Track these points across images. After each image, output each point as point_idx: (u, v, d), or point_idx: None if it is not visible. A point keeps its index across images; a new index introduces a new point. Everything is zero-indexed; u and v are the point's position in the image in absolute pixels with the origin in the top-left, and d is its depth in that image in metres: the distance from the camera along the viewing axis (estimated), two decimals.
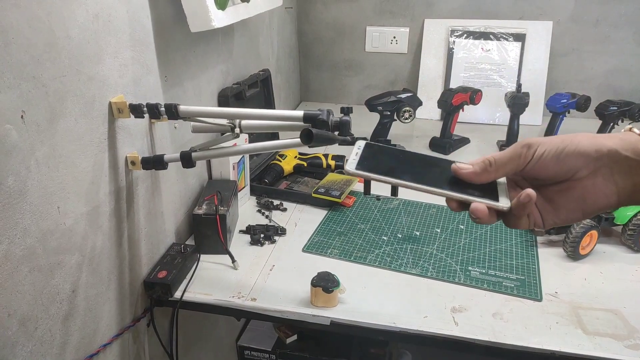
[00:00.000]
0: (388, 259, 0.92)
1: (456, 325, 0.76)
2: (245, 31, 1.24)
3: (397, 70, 1.82)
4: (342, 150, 1.29)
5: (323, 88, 1.91)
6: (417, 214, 1.09)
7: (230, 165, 1.05)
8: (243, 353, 1.26)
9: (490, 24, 1.67)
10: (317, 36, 1.84)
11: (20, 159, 0.55)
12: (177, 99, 0.90)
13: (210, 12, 0.83)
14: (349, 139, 0.70)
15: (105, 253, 0.72)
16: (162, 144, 0.87)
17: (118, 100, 0.70)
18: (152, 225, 0.85)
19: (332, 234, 1.01)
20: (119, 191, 0.74)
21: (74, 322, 0.67)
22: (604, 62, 1.65)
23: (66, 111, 0.61)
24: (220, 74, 1.10)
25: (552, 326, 0.75)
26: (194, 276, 0.86)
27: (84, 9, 0.63)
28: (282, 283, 0.86)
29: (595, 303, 0.80)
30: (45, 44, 0.57)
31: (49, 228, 0.60)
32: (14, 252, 0.55)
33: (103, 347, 0.73)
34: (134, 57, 0.75)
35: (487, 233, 1.01)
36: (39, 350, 0.60)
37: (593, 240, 0.92)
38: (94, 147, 0.67)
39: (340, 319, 0.78)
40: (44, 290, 0.60)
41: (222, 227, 0.90)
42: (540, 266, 0.90)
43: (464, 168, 0.49)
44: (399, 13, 1.74)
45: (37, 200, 0.58)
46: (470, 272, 0.88)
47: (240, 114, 0.73)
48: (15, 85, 0.53)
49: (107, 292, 0.74)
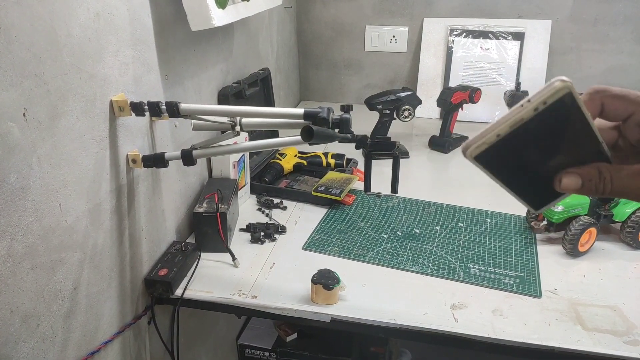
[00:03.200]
0: (388, 257, 0.93)
1: (456, 322, 0.76)
2: (245, 30, 1.24)
3: (397, 69, 1.82)
4: (342, 148, 1.30)
5: (322, 87, 1.92)
6: (417, 212, 1.09)
7: (230, 164, 1.06)
8: (243, 351, 1.26)
9: (489, 22, 1.67)
10: (316, 35, 1.84)
11: (22, 157, 0.55)
12: (178, 98, 0.91)
13: (211, 10, 0.84)
14: (349, 137, 0.71)
15: (106, 251, 0.73)
16: (163, 142, 0.87)
17: (119, 99, 0.71)
18: (153, 223, 0.86)
19: (332, 232, 1.01)
20: (120, 189, 0.75)
21: (75, 320, 0.67)
22: (603, 60, 1.66)
23: (68, 109, 0.61)
24: (220, 72, 1.10)
25: (552, 322, 0.76)
26: (194, 274, 0.87)
27: (85, 7, 0.63)
28: (283, 281, 0.86)
29: (594, 299, 0.81)
30: (47, 42, 0.57)
31: (51, 225, 0.60)
32: (16, 249, 0.55)
33: (104, 344, 0.74)
34: (135, 55, 0.75)
35: (486, 230, 1.01)
36: (41, 347, 0.61)
37: (592, 237, 0.92)
38: (95, 145, 0.68)
39: (341, 316, 0.78)
40: (45, 288, 0.60)
41: (222, 225, 0.90)
42: (539, 263, 0.90)
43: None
44: (398, 12, 1.74)
45: (39, 198, 0.58)
46: (470, 269, 0.89)
47: (241, 111, 0.74)
48: (17, 83, 0.53)
49: (108, 290, 0.74)
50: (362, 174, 0.97)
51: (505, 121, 0.34)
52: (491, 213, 1.08)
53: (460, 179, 1.28)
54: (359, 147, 0.76)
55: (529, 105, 0.34)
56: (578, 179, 0.37)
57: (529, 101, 0.34)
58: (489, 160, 0.36)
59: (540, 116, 0.34)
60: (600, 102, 0.38)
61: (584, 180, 0.37)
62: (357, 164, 1.28)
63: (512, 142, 0.35)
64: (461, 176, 1.30)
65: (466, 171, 1.32)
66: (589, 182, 0.37)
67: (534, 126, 0.34)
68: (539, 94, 0.33)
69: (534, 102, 0.33)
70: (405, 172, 1.26)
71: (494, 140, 0.35)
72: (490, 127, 0.35)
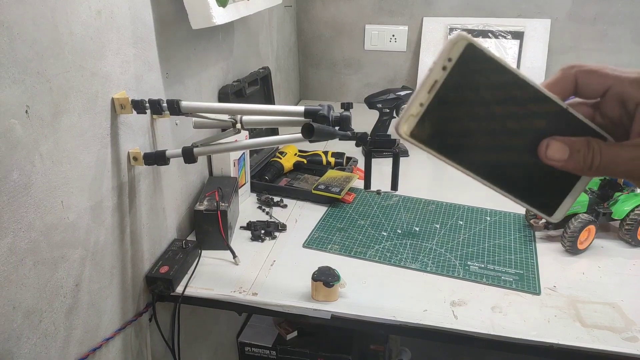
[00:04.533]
0: (388, 254, 0.93)
1: (456, 318, 0.77)
2: (245, 29, 1.24)
3: (396, 68, 1.82)
4: (342, 146, 1.30)
5: (322, 86, 1.92)
6: (417, 209, 1.10)
7: (230, 162, 1.06)
8: (244, 349, 1.27)
9: (489, 22, 1.68)
10: (316, 34, 1.84)
11: (25, 154, 0.55)
12: (178, 96, 0.91)
13: (211, 9, 0.84)
14: (349, 134, 0.71)
15: (108, 248, 0.73)
16: (164, 140, 0.87)
17: (120, 96, 0.71)
18: (154, 220, 0.86)
19: (332, 230, 1.01)
20: (122, 187, 0.75)
21: (77, 316, 0.67)
22: (602, 59, 1.66)
23: (69, 106, 0.62)
24: (221, 71, 1.11)
25: (551, 319, 0.76)
26: (195, 271, 0.87)
27: (86, 5, 0.63)
28: (283, 278, 0.86)
29: (593, 296, 0.81)
30: (49, 40, 0.57)
31: (53, 222, 0.61)
32: (18, 245, 0.55)
33: (106, 341, 0.74)
34: (136, 54, 0.76)
35: (486, 228, 1.02)
36: (43, 342, 0.61)
37: (591, 235, 0.93)
38: (96, 142, 0.68)
39: (341, 312, 0.78)
40: (48, 284, 0.61)
41: (223, 223, 0.90)
42: (538, 261, 0.91)
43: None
44: (397, 11, 1.74)
45: (41, 195, 0.58)
46: (470, 266, 0.89)
47: (242, 109, 0.74)
48: (20, 81, 0.53)
49: (109, 287, 0.74)
50: (362, 173, 0.98)
51: (422, 87, 0.32)
52: (491, 211, 1.08)
53: (459, 177, 1.27)
54: (359, 144, 0.76)
55: (436, 65, 0.32)
56: (565, 149, 0.34)
57: (434, 62, 0.32)
58: (423, 134, 0.33)
59: (454, 75, 0.32)
60: (574, 77, 0.36)
61: (572, 150, 0.34)
62: (357, 163, 1.28)
63: (445, 112, 0.33)
64: (460, 175, 1.29)
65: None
66: (577, 152, 0.34)
67: (455, 88, 0.32)
68: (440, 52, 0.32)
69: (439, 61, 0.32)
70: (405, 171, 1.26)
71: (421, 111, 0.32)
72: (412, 98, 0.32)
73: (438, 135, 0.34)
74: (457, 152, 0.35)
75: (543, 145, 0.35)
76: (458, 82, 0.32)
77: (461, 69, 0.32)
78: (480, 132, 0.34)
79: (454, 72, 0.32)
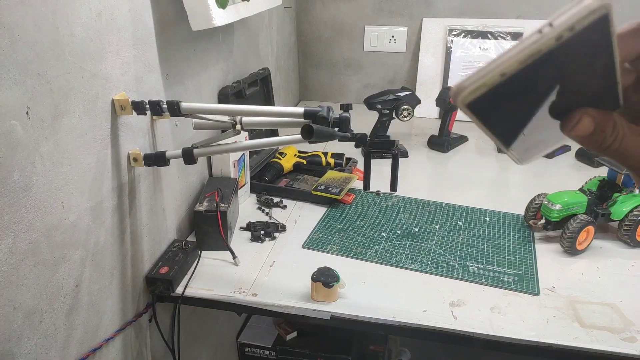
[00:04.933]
0: (387, 255, 0.93)
1: (455, 319, 0.77)
2: (245, 30, 1.25)
3: (396, 69, 1.83)
4: (342, 147, 1.30)
5: (322, 87, 1.92)
6: (416, 210, 1.10)
7: (230, 163, 1.06)
8: (243, 350, 1.27)
9: (488, 23, 1.68)
10: (316, 35, 1.84)
11: (26, 155, 0.55)
12: (178, 97, 0.91)
13: (211, 10, 0.84)
14: (348, 135, 0.71)
15: (108, 248, 0.73)
16: (164, 141, 0.88)
17: (120, 98, 0.71)
18: (154, 221, 0.86)
19: (332, 231, 1.02)
20: (122, 187, 0.75)
21: (77, 317, 0.67)
22: None
23: (70, 108, 0.62)
24: (221, 72, 1.11)
25: (550, 320, 0.76)
26: (195, 272, 0.87)
27: (87, 7, 0.63)
28: (283, 278, 0.86)
29: (591, 297, 0.82)
30: (50, 41, 0.58)
31: (53, 223, 0.61)
32: (19, 246, 0.56)
33: (106, 341, 0.74)
34: (136, 55, 0.76)
35: (485, 229, 1.02)
36: (43, 343, 0.61)
37: (590, 235, 0.93)
38: (97, 143, 0.68)
39: (341, 313, 0.78)
40: (48, 285, 0.61)
41: (222, 224, 0.91)
42: (537, 261, 0.91)
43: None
44: (397, 12, 1.75)
45: (41, 196, 0.58)
46: (469, 267, 0.89)
47: (242, 110, 0.74)
48: (21, 82, 0.54)
49: (109, 287, 0.75)
50: (362, 173, 0.98)
51: (516, 54, 0.26)
52: (490, 212, 1.09)
53: (459, 178, 1.29)
54: (358, 145, 0.76)
55: (551, 32, 0.25)
56: (591, 123, 0.29)
57: (551, 25, 0.25)
58: (485, 107, 0.28)
59: (562, 47, 0.25)
60: None
61: (596, 127, 0.29)
62: (357, 164, 1.29)
63: (517, 84, 0.26)
64: (460, 175, 1.30)
65: (465, 170, 1.33)
66: (602, 132, 0.29)
67: (549, 61, 0.26)
68: (565, 15, 0.25)
69: (559, 27, 0.25)
70: (405, 172, 1.27)
71: (497, 81, 0.26)
72: (493, 65, 0.26)
73: (497, 107, 0.28)
74: (499, 120, 0.29)
75: (574, 119, 0.29)
76: (562, 59, 0.26)
77: (576, 44, 0.25)
78: (536, 104, 0.28)
79: (566, 45, 0.25)
